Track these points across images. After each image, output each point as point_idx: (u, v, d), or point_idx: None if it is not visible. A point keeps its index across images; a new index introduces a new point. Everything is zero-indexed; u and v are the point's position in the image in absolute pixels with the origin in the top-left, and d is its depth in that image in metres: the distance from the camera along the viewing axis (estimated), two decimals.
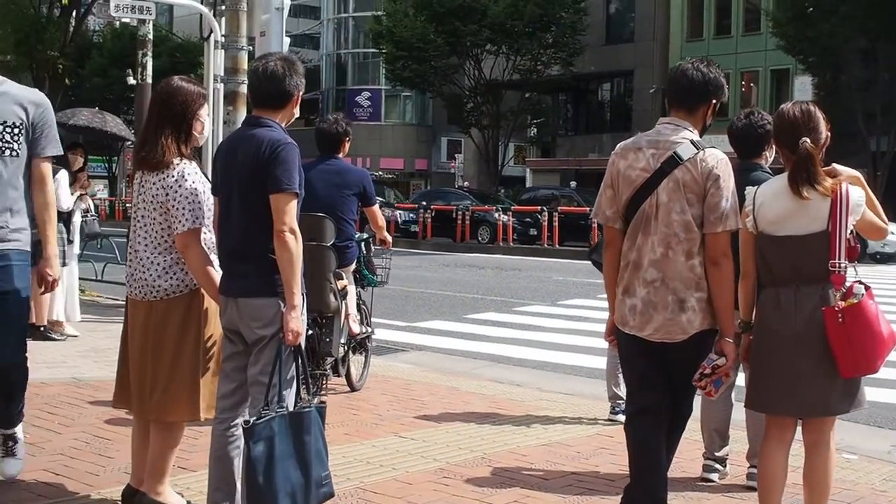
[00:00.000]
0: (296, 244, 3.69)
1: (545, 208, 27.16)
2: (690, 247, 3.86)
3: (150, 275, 4.07)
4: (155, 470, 4.16)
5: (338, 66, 56.93)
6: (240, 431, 3.86)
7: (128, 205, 36.73)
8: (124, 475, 4.68)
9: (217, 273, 4.02)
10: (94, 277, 13.85)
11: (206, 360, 4.11)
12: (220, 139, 11.17)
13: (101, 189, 60.22)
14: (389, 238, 7.31)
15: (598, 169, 41.10)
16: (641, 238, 3.93)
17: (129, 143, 13.89)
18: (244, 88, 11.18)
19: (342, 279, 6.65)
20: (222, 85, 11.11)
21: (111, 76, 46.20)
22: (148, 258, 4.09)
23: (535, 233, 27.71)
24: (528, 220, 28.28)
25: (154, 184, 4.06)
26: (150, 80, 12.29)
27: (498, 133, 40.17)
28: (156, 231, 4.09)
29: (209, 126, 11.24)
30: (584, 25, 38.74)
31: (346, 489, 4.72)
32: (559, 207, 27.54)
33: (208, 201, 4.09)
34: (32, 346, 8.65)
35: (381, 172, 45.32)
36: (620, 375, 6.54)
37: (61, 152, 4.17)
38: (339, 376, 7.05)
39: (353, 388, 7.22)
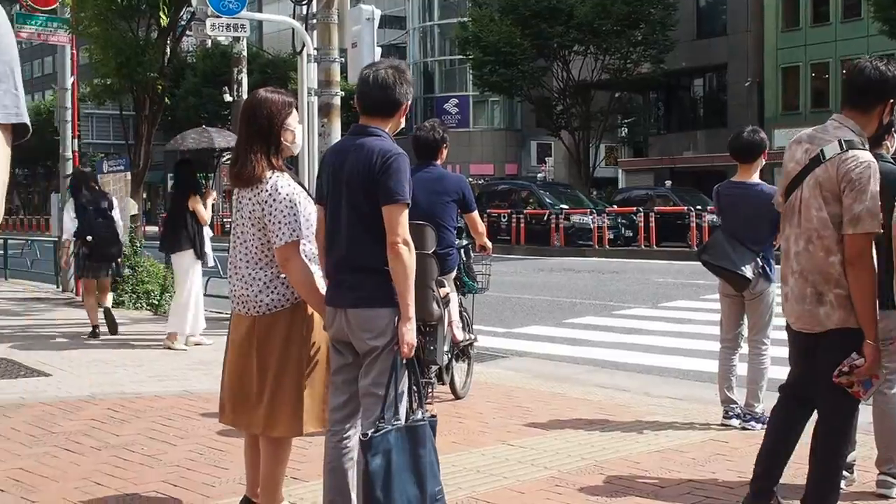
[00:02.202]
0: (409, 255, 3.65)
1: (640, 209, 26.80)
2: (829, 243, 3.90)
3: (252, 290, 4.05)
4: (267, 484, 4.17)
5: (425, 74, 57.22)
6: (353, 442, 3.87)
7: (225, 220, 37.44)
8: (239, 486, 4.73)
9: (320, 284, 3.99)
10: None
11: (309, 373, 4.08)
12: (316, 151, 11.29)
13: None
14: (490, 244, 7.27)
15: (693, 167, 40.67)
16: (788, 229, 4.09)
17: (226, 158, 14.14)
18: (338, 100, 11.29)
19: (444, 287, 6.62)
20: (316, 97, 11.23)
21: (205, 95, 47.31)
22: (249, 274, 4.07)
23: (631, 234, 27.36)
24: (623, 221, 27.94)
25: (249, 199, 4.05)
26: (245, 96, 12.50)
27: (588, 134, 39.79)
28: (254, 247, 4.07)
29: (303, 137, 11.39)
30: (673, 21, 38.13)
31: (459, 498, 4.68)
32: (655, 207, 27.16)
33: (305, 212, 4.07)
34: (143, 358, 8.92)
35: (471, 179, 45.40)
36: (733, 378, 6.38)
37: (23, 120, 2.49)
38: (443, 384, 7.05)
39: (457, 396, 7.20)
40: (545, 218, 28.73)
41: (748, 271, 6.02)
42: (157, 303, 13.54)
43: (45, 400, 6.96)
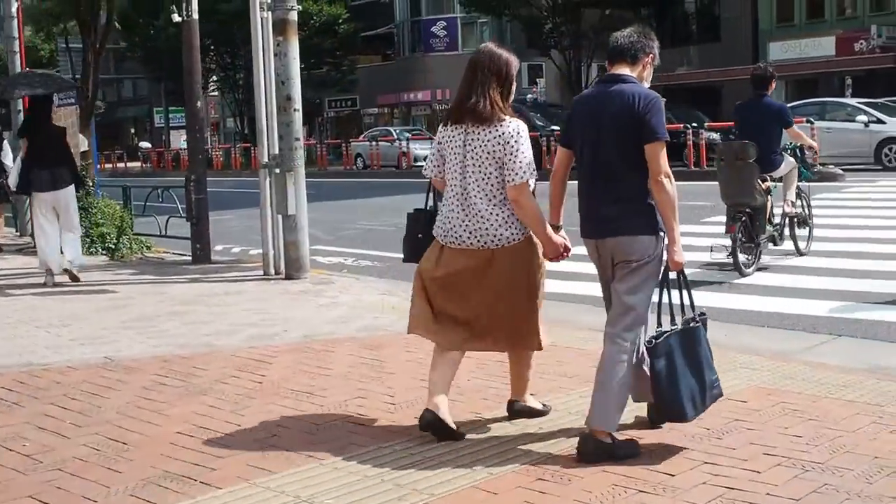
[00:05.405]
0: (671, 186, 4.09)
1: None
2: None
3: (491, 224, 4.38)
4: (519, 383, 4.78)
5: None
6: (627, 347, 4.21)
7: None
8: (130, 498, 3.69)
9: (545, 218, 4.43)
10: (158, 233, 12.99)
11: (542, 296, 4.56)
12: (273, 73, 10.08)
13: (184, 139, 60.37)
14: (812, 142, 10.59)
15: (687, 83, 39.26)
16: None
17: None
18: (294, 16, 10.10)
19: (767, 181, 9.43)
20: (270, 13, 10.00)
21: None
22: (486, 209, 4.38)
23: None
24: None
25: (487, 140, 4.35)
26: (195, 16, 11.26)
27: (580, 53, 38.49)
28: (491, 185, 4.38)
29: (259, 58, 10.21)
30: None
31: None
32: None
33: None
34: (77, 314, 7.57)
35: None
36: None
37: None
38: (777, 245, 9.96)
39: (800, 254, 10.31)
40: (538, 140, 27.57)
41: None
42: (113, 247, 12.48)
43: None
